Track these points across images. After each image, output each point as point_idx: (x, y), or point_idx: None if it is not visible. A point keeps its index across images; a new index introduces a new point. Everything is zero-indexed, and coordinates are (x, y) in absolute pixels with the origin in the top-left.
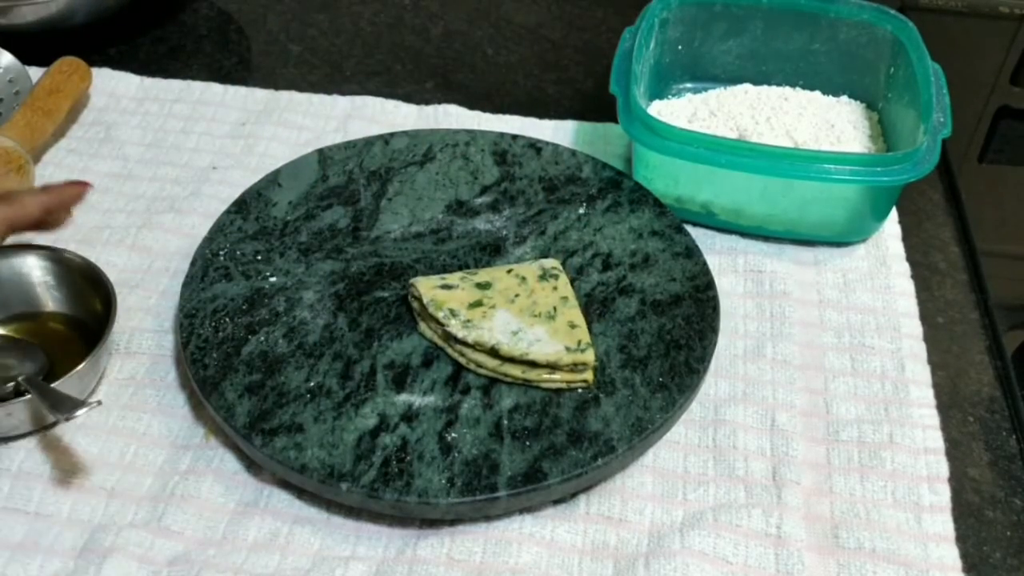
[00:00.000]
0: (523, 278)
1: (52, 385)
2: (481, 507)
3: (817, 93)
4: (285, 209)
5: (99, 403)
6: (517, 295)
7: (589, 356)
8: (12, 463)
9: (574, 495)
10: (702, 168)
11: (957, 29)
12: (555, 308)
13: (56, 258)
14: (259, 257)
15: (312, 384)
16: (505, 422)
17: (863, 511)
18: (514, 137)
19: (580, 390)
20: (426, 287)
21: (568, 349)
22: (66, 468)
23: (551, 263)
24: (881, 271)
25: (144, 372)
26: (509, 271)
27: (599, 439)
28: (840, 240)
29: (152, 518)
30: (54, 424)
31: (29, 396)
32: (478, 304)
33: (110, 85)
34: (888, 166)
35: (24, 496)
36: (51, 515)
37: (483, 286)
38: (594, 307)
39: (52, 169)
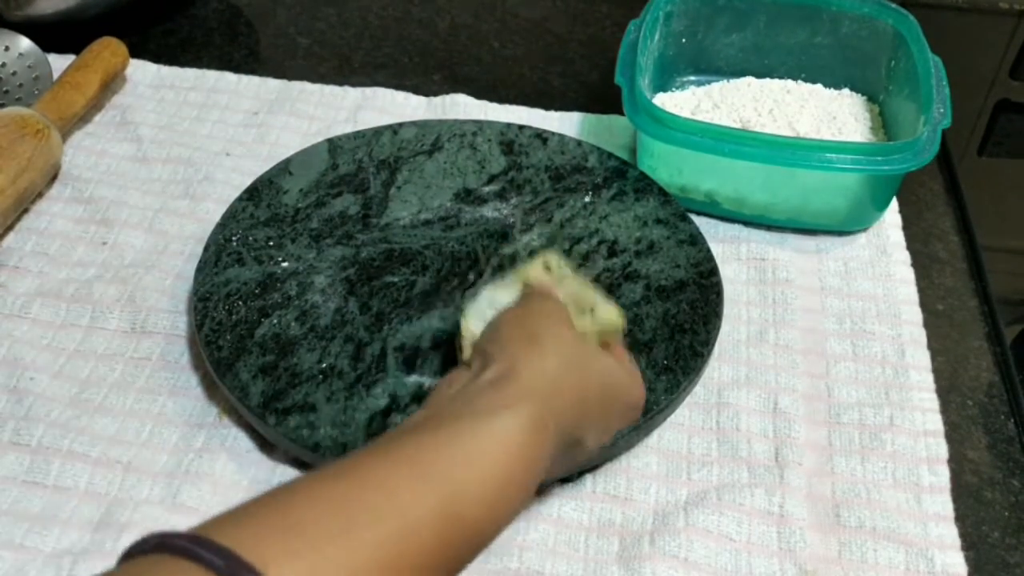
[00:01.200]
0: None
1: None
2: None
3: (819, 86)
4: (296, 196)
5: None
6: None
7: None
8: (32, 438)
9: (580, 474)
10: (706, 157)
11: (957, 24)
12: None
13: None
14: (271, 243)
15: (324, 365)
16: None
17: (864, 491)
18: (520, 127)
19: None
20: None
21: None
22: (84, 443)
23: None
24: (882, 259)
25: (159, 353)
26: None
27: None
28: (841, 229)
29: (167, 494)
30: None
31: None
32: None
33: (128, 71)
34: (889, 155)
35: (43, 470)
36: (69, 488)
37: None
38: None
39: (72, 151)
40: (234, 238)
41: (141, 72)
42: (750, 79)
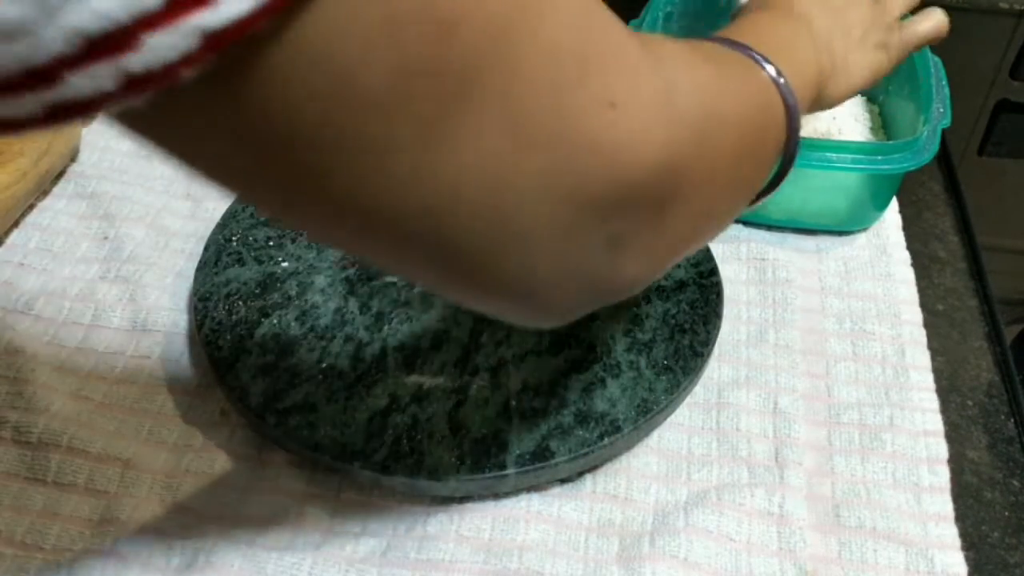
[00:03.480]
0: None
1: None
2: (490, 484)
3: None
4: None
5: None
6: None
7: None
8: (31, 435)
9: (580, 474)
10: None
11: (957, 25)
12: None
13: None
14: (271, 243)
15: (324, 365)
16: (513, 402)
17: (864, 491)
18: None
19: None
20: None
21: None
22: (84, 439)
23: None
24: (882, 259)
25: (160, 351)
26: None
27: (605, 419)
28: (841, 229)
29: (167, 493)
30: None
31: None
32: None
33: None
34: (889, 154)
35: (42, 467)
36: (68, 485)
37: None
38: None
39: None
40: (234, 238)
41: None
42: None
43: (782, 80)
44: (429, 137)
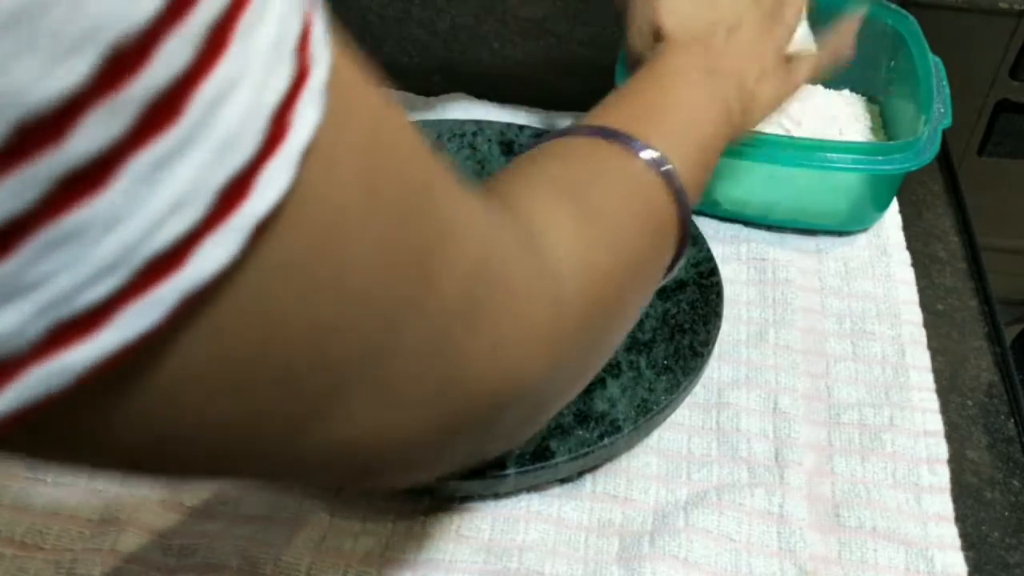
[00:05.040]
0: None
1: None
2: (490, 484)
3: (819, 87)
4: None
5: None
6: None
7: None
8: None
9: (580, 474)
10: None
11: (957, 24)
12: None
13: None
14: None
15: None
16: None
17: (864, 491)
18: (520, 127)
19: None
20: None
21: None
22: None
23: None
24: (882, 259)
25: None
26: None
27: (605, 419)
28: (842, 229)
29: (167, 494)
30: None
31: None
32: None
33: None
34: (889, 155)
35: (43, 467)
36: (68, 485)
37: None
38: None
39: None
40: None
41: None
42: None
43: (667, 167)
44: (293, 433)
